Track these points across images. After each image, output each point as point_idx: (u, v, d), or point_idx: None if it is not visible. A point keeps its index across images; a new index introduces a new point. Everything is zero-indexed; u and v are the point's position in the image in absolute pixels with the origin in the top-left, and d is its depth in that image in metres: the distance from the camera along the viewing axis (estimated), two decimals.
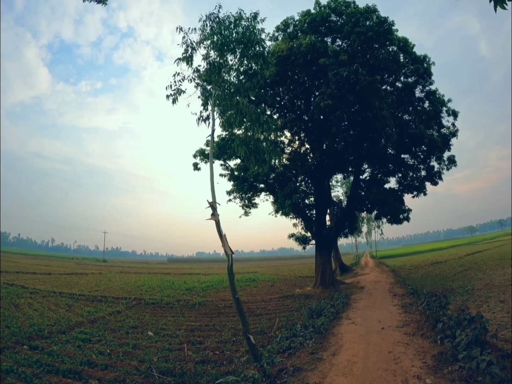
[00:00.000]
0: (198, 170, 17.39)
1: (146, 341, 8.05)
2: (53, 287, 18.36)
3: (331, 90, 13.28)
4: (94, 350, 7.11)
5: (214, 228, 6.08)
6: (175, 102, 7.29)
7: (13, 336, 7.67)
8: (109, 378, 5.47)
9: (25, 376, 5.33)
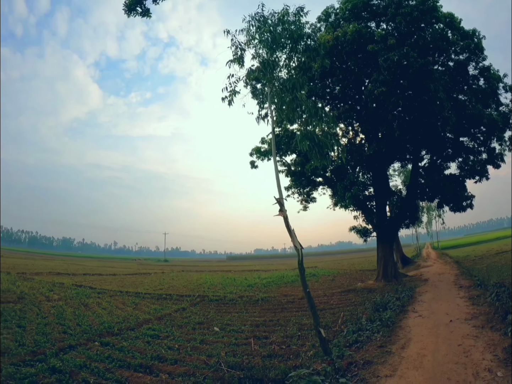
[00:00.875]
0: (255, 168, 22.14)
1: (212, 336, 10.07)
2: (119, 286, 22.85)
3: (383, 77, 15.78)
4: (163, 345, 9.03)
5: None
6: (231, 103, 9.38)
7: (84, 334, 10.02)
8: (179, 372, 7.00)
9: (98, 371, 7.08)
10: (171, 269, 48.20)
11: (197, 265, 70.62)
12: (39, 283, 21.53)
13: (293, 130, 20.53)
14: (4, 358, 7.58)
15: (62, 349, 8.57)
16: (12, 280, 21.39)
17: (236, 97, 9.50)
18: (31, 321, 11.26)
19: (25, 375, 6.62)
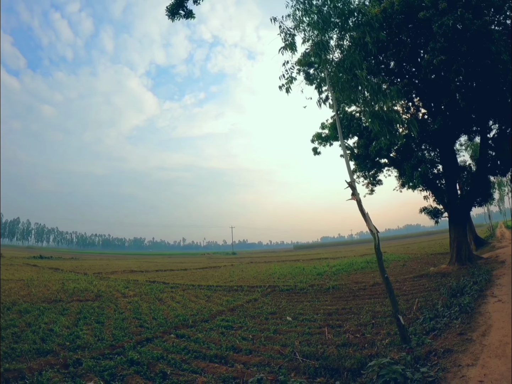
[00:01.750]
0: (318, 155, 22.43)
1: (285, 326, 10.08)
2: (191, 280, 23.69)
3: (440, 44, 14.94)
4: (237, 336, 9.14)
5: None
6: (288, 91, 9.34)
7: (160, 327, 10.42)
8: (254, 362, 7.01)
9: (174, 362, 7.31)
10: (239, 261, 49.52)
11: (265, 256, 72.20)
12: (115, 281, 22.91)
13: (351, 113, 20.37)
14: (84, 352, 8.04)
15: (139, 342, 8.95)
16: (89, 280, 23.07)
17: (293, 84, 9.44)
18: (109, 317, 11.92)
19: (105, 367, 6.97)
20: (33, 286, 18.80)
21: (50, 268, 35.23)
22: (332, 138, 21.86)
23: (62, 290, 17.60)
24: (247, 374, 6.38)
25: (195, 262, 52.87)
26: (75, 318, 11.67)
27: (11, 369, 6.81)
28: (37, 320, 11.07)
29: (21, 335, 9.30)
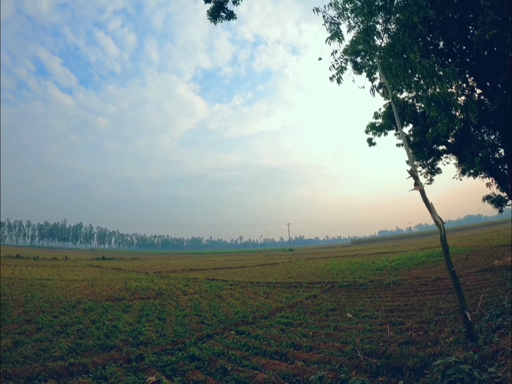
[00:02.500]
0: (373, 146, 22.10)
1: (346, 322, 9.91)
2: (249, 277, 23.93)
3: (491, 17, 14.28)
4: (297, 332, 9.08)
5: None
6: (339, 81, 9.50)
7: (220, 323, 10.62)
8: (314, 360, 6.93)
9: (235, 358, 7.40)
10: (297, 258, 49.62)
11: (322, 251, 72.30)
12: (175, 279, 23.62)
13: (404, 99, 19.77)
14: (147, 347, 8.35)
15: (200, 338, 9.14)
16: (150, 279, 23.98)
17: (344, 74, 9.32)
18: (170, 314, 12.26)
19: (166, 362, 7.19)
20: (97, 286, 19.84)
21: (112, 268, 37.06)
22: (386, 127, 21.40)
23: (124, 288, 18.43)
24: (308, 372, 6.32)
25: (253, 259, 53.56)
26: (138, 315, 12.14)
27: (76, 363, 7.21)
28: (101, 317, 11.64)
29: (86, 331, 9.80)
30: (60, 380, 6.48)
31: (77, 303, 13.98)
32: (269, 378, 6.18)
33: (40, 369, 6.85)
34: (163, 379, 6.17)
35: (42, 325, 10.44)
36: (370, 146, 22.37)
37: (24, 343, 8.60)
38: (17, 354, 7.78)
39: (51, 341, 8.90)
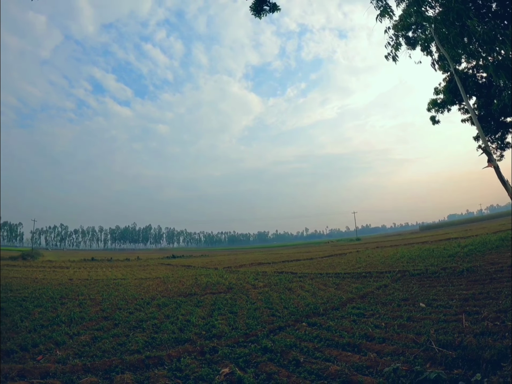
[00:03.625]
0: (437, 124, 21.43)
1: (419, 313, 9.57)
2: (317, 269, 23.87)
3: None
4: (369, 323, 8.93)
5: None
6: (395, 59, 8.92)
7: (292, 315, 10.67)
8: (387, 351, 6.79)
9: (307, 350, 7.43)
10: (365, 247, 48.70)
11: (390, 239, 70.06)
12: (244, 274, 24.03)
13: (463, 70, 18.35)
14: (220, 340, 8.60)
15: (272, 330, 9.25)
16: (220, 274, 24.57)
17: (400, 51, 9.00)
18: (242, 307, 12.52)
19: (239, 355, 7.38)
20: (168, 282, 20.64)
21: (182, 265, 38.29)
22: (449, 103, 20.23)
23: (195, 284, 19.07)
24: (381, 364, 6.20)
25: (320, 251, 53.12)
26: (210, 309, 12.51)
27: (152, 356, 7.58)
28: (174, 312, 12.12)
29: (161, 326, 10.24)
30: (136, 372, 6.83)
31: (151, 300, 14.64)
32: (342, 370, 6.12)
33: (117, 362, 7.29)
34: (237, 371, 6.32)
35: (119, 321, 11.07)
36: (434, 125, 21.52)
37: (102, 338, 9.18)
38: (95, 349, 8.33)
39: (128, 335, 9.43)
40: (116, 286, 19.88)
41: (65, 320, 11.11)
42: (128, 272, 30.79)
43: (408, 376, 5.56)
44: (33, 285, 19.78)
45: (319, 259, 34.90)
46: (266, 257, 47.22)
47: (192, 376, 6.38)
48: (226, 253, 78.57)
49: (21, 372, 6.73)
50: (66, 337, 9.32)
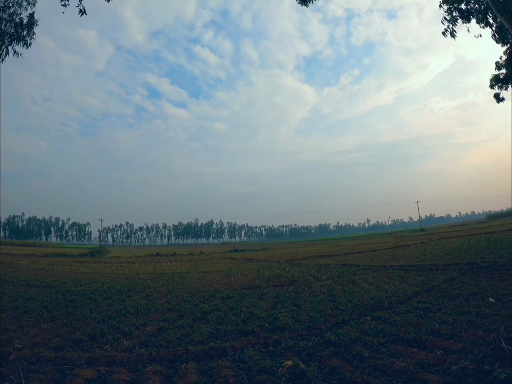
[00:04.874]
0: (502, 102, 19.65)
1: (488, 308, 9.04)
2: (381, 261, 23.34)
3: None
4: (436, 319, 8.55)
5: None
6: (453, 35, 8.51)
7: (355, 309, 10.48)
8: (455, 348, 6.45)
9: (372, 344, 7.24)
10: (429, 238, 46.84)
11: (456, 229, 67.39)
12: (306, 266, 23.94)
13: None
14: (283, 333, 8.63)
15: (335, 324, 9.12)
16: (282, 267, 24.67)
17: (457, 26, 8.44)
18: (305, 300, 12.48)
19: (303, 348, 7.34)
20: (232, 275, 20.96)
21: (245, 259, 38.67)
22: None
23: (258, 277, 19.26)
24: (448, 361, 5.90)
25: (383, 242, 51.81)
26: (273, 301, 12.57)
27: (216, 347, 7.73)
28: (238, 304, 12.28)
29: (224, 318, 10.43)
30: (200, 363, 7.01)
31: (215, 292, 14.94)
32: (407, 366, 5.90)
33: (182, 352, 7.53)
34: (300, 364, 6.27)
35: (184, 312, 11.39)
36: (499, 103, 19.67)
37: (167, 329, 9.50)
38: (161, 339, 8.64)
39: (192, 327, 9.69)
40: (180, 279, 20.49)
41: (132, 312, 11.63)
42: (192, 265, 31.59)
43: (476, 376, 5.23)
44: (102, 279, 20.87)
45: (382, 250, 34.19)
46: (328, 249, 46.70)
47: (255, 368, 6.45)
48: (287, 246, 78.57)
49: (89, 360, 7.15)
50: (132, 327, 9.77)
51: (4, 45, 10.82)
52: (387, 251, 32.64)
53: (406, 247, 35.36)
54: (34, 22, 11.33)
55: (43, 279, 20.30)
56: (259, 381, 5.94)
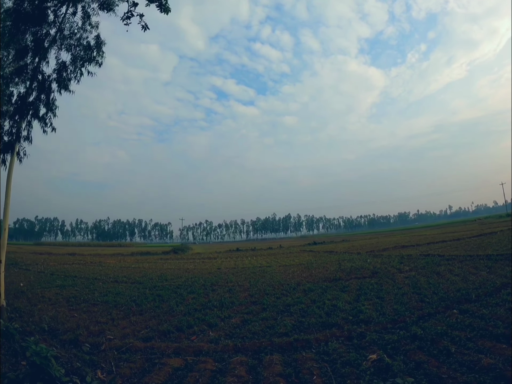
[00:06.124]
0: None
1: None
2: (466, 251, 22.02)
3: None
4: None
5: None
6: None
7: (441, 301, 10.07)
8: None
9: (459, 339, 6.92)
10: None
11: None
12: (388, 258, 23.31)
13: None
14: (367, 326, 8.57)
15: (421, 317, 8.87)
16: (363, 258, 24.25)
17: None
18: (388, 292, 12.22)
19: (388, 341, 7.26)
20: (312, 268, 20.95)
21: (324, 251, 38.23)
22: None
23: (339, 269, 19.08)
24: None
25: (467, 230, 48.39)
26: (355, 294, 12.47)
27: (300, 339, 7.91)
28: (320, 297, 12.33)
29: (307, 310, 10.53)
30: (284, 354, 7.21)
31: (297, 285, 15.09)
32: (495, 363, 5.60)
33: (266, 343, 7.80)
34: (385, 358, 6.22)
35: (267, 305, 11.68)
36: None
37: (251, 321, 9.83)
38: (245, 331, 8.98)
39: (276, 319, 9.94)
40: (261, 273, 20.87)
41: (217, 305, 12.16)
42: (272, 259, 31.88)
43: None
44: (185, 274, 21.86)
45: (467, 239, 32.18)
46: (409, 239, 44.78)
47: (339, 361, 6.51)
48: (366, 237, 76.52)
49: (176, 350, 7.69)
50: (217, 319, 10.25)
51: (78, 68, 11.73)
52: (472, 240, 30.66)
53: (493, 234, 32.95)
54: (101, 42, 12.23)
55: (130, 275, 21.84)
56: (343, 374, 6.00)
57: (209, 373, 6.43)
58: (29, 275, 21.51)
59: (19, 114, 10.71)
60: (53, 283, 18.20)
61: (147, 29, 10.06)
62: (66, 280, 19.41)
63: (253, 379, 6.21)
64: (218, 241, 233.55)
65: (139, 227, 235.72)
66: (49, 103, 11.42)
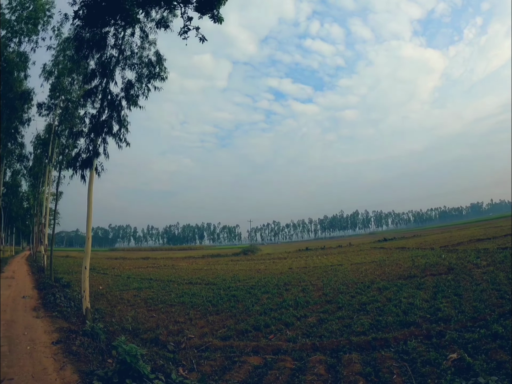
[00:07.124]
0: None
1: None
2: None
3: None
4: None
5: None
6: None
7: None
8: None
9: None
10: None
11: None
12: (464, 252, 22.02)
13: None
14: (446, 324, 8.29)
15: (502, 314, 8.38)
16: (437, 254, 23.15)
17: None
18: (466, 289, 11.65)
19: (468, 340, 6.99)
20: (385, 266, 20.45)
21: (396, 248, 36.86)
22: None
23: (413, 266, 18.47)
24: None
25: None
26: (432, 291, 12.04)
27: (378, 338, 7.86)
28: (396, 295, 12.06)
29: (384, 309, 10.39)
30: (363, 353, 7.20)
31: (371, 283, 14.86)
32: None
33: (344, 342, 7.81)
34: (466, 357, 6.02)
35: (342, 304, 11.64)
36: None
37: (328, 320, 9.87)
38: (322, 330, 9.03)
39: (352, 318, 9.90)
40: (333, 271, 20.71)
41: (292, 304, 12.30)
42: (343, 258, 31.42)
43: None
44: (257, 275, 22.21)
45: None
46: (484, 231, 41.34)
47: (419, 360, 6.39)
48: (438, 231, 72.14)
49: (254, 349, 7.93)
50: (294, 319, 10.38)
51: (144, 84, 12.39)
52: None
53: None
54: (161, 57, 12.70)
55: (203, 277, 22.59)
56: (423, 373, 5.90)
57: (289, 371, 6.61)
58: (107, 279, 23.19)
59: (94, 132, 11.45)
60: (130, 286, 19.44)
61: (205, 41, 10.41)
62: (142, 283, 20.62)
63: (333, 377, 6.29)
64: (286, 241, 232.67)
65: (208, 230, 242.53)
66: (120, 120, 12.05)
